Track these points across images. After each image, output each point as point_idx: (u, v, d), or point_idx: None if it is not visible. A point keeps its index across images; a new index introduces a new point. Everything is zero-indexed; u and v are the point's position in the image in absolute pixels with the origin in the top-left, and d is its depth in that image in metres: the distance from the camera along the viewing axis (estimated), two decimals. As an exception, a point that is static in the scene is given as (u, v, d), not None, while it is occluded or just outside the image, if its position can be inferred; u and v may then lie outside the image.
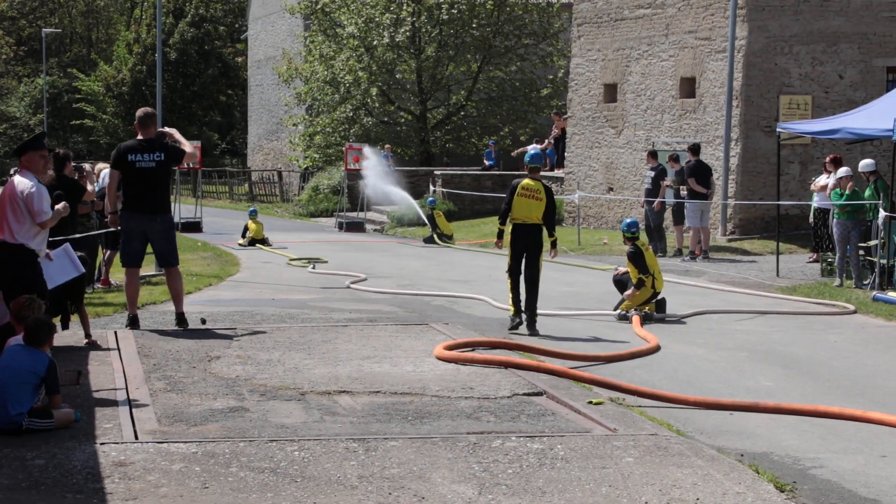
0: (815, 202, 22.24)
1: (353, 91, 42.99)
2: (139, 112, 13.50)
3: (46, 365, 8.69)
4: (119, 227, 13.70)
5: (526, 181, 14.59)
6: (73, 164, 16.56)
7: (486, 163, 41.02)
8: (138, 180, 13.18)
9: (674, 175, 24.53)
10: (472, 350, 12.16)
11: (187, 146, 13.57)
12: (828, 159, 22.13)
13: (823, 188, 21.74)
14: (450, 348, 11.89)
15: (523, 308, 14.47)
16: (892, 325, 15.41)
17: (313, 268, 22.06)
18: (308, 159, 46.52)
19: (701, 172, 23.88)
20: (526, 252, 14.53)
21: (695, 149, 24.35)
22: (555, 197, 15.34)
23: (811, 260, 22.63)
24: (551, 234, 14.82)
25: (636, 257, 15.61)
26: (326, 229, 37.01)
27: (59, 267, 11.73)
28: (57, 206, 10.78)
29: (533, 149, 18.08)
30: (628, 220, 16.43)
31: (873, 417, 9.58)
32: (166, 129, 13.83)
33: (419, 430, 8.79)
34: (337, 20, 43.92)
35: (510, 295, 14.57)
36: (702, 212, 23.79)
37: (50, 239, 11.32)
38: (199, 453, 7.94)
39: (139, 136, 13.36)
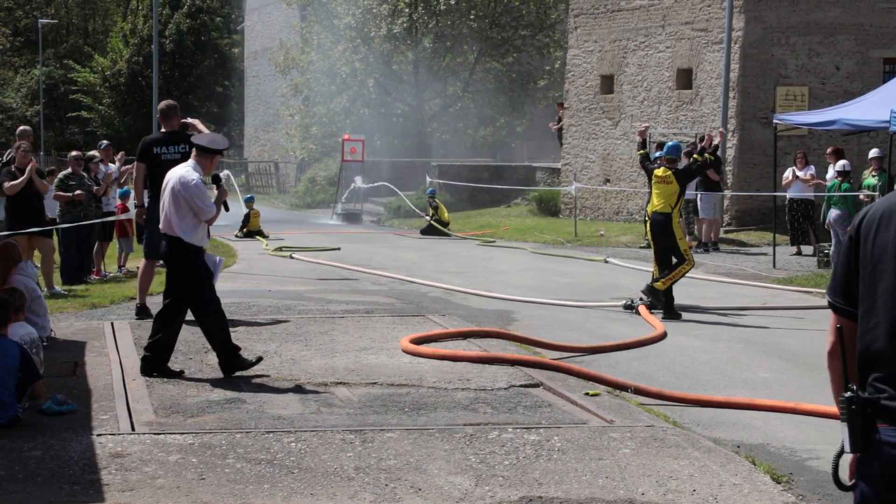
0: (789, 193, 22.59)
1: (350, 82, 42.98)
2: (161, 105, 13.60)
3: (18, 355, 8.44)
4: (143, 220, 13.74)
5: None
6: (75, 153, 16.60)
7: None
8: (164, 172, 13.24)
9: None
10: (466, 339, 12.24)
11: None
12: (799, 154, 22.67)
13: (807, 180, 22.16)
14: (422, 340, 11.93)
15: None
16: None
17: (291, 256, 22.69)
18: (304, 150, 46.51)
19: (717, 163, 24.16)
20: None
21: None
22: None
23: (794, 253, 22.72)
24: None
25: None
26: (323, 220, 36.99)
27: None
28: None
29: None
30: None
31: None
32: (189, 119, 13.88)
33: (416, 421, 8.80)
34: (334, 11, 43.88)
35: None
36: (714, 204, 24.07)
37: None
38: (196, 444, 7.94)
39: (162, 129, 13.43)
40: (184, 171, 10.34)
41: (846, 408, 3.92)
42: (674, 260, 15.30)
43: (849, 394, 3.93)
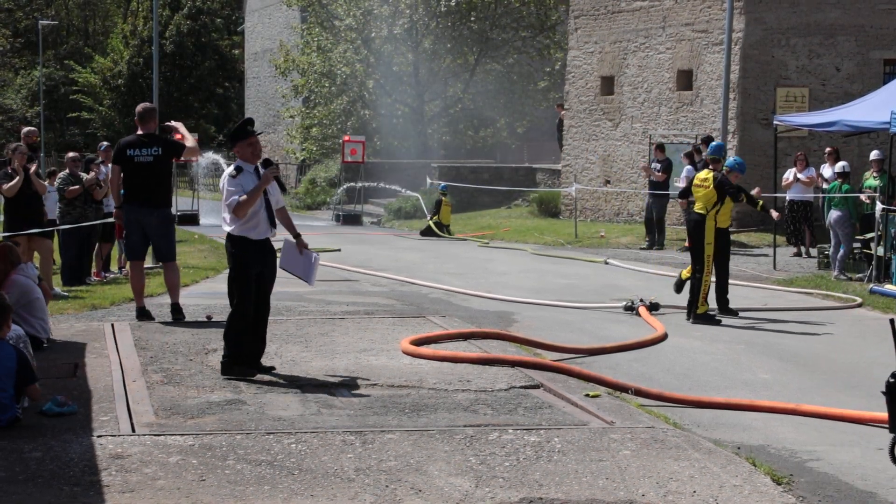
0: (789, 195, 22.64)
1: (350, 83, 42.96)
2: (139, 108, 13.63)
3: (15, 357, 8.45)
4: (122, 222, 13.79)
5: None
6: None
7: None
8: (137, 174, 13.29)
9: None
10: (466, 340, 12.24)
11: (189, 141, 13.64)
12: (800, 155, 22.80)
13: (808, 182, 22.24)
14: (423, 341, 11.93)
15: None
16: (889, 318, 15.39)
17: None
18: (305, 151, 46.50)
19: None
20: None
21: (709, 141, 24.43)
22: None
23: (794, 254, 22.74)
24: None
25: None
26: (324, 222, 36.99)
27: (302, 264, 11.76)
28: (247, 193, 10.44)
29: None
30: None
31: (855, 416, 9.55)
32: (172, 123, 13.91)
33: (416, 422, 8.79)
34: (334, 12, 43.88)
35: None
36: None
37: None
38: (196, 446, 7.94)
39: (139, 131, 13.44)
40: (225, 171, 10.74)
41: (887, 392, 4.03)
42: (695, 264, 15.22)
43: (891, 379, 4.03)
